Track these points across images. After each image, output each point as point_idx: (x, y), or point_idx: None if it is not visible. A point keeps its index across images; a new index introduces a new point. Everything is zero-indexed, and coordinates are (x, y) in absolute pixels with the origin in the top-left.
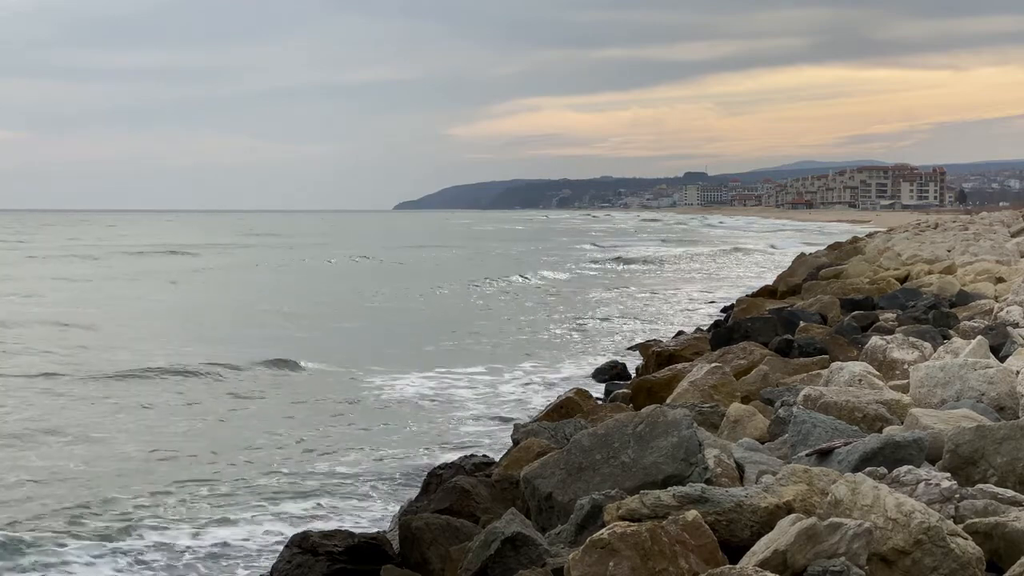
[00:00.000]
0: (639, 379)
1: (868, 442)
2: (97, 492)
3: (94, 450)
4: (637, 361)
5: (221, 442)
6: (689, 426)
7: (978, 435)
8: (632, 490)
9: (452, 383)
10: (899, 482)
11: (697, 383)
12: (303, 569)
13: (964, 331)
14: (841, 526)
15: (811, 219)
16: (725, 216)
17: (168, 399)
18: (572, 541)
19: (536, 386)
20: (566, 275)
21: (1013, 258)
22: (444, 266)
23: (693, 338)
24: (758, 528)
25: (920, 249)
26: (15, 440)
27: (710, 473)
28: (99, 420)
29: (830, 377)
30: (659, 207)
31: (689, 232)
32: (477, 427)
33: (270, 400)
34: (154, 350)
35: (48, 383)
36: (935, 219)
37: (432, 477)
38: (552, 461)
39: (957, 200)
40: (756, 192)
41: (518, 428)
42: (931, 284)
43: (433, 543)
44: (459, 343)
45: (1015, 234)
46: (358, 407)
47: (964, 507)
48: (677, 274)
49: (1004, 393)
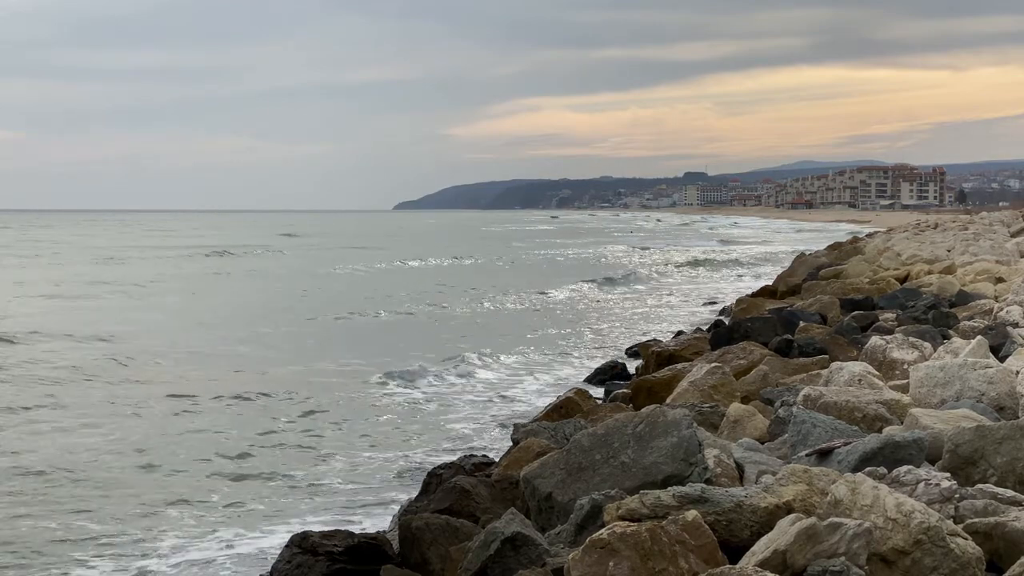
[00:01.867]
0: (639, 379)
1: (868, 442)
2: (85, 497)
3: (63, 445)
4: (637, 361)
5: (220, 441)
6: (689, 426)
7: (978, 435)
8: (632, 490)
9: (452, 383)
10: (899, 482)
11: (697, 383)
12: (303, 569)
13: (964, 331)
14: (841, 526)
15: (811, 219)
16: (737, 216)
17: (165, 398)
18: (572, 541)
19: (536, 386)
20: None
21: (1013, 258)
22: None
23: (693, 338)
24: (758, 528)
25: (920, 249)
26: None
27: (710, 473)
28: (97, 419)
29: (830, 377)
30: (659, 207)
31: (730, 233)
32: (477, 427)
33: (270, 399)
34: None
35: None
36: (935, 219)
37: (432, 477)
38: (552, 461)
39: (957, 200)
40: (756, 192)
41: (518, 428)
42: (931, 284)
43: (433, 543)
44: (465, 343)
45: (1015, 234)
46: (358, 407)
47: (964, 507)
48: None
49: (1004, 393)
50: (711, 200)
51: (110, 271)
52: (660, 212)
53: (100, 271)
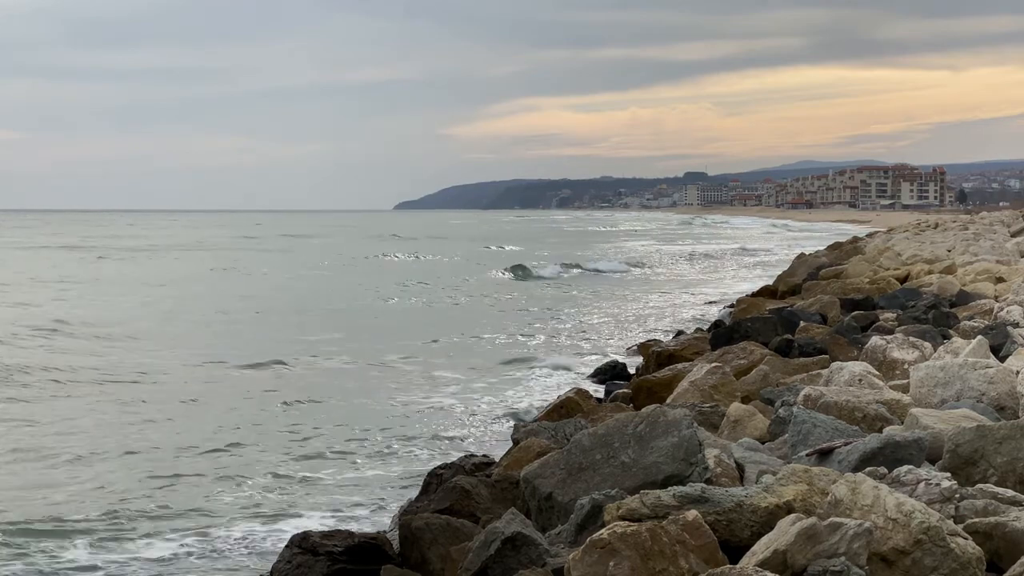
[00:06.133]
0: (639, 379)
1: (868, 442)
2: (82, 492)
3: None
4: (637, 359)
5: (219, 441)
6: (689, 426)
7: (978, 435)
8: (632, 490)
9: (453, 383)
10: (899, 482)
11: (697, 383)
12: (303, 569)
13: (964, 331)
14: (841, 526)
15: (811, 219)
16: (736, 217)
17: (163, 395)
18: (572, 541)
19: (536, 386)
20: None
21: (1013, 258)
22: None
23: (693, 338)
24: (758, 528)
25: (920, 249)
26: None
27: (710, 473)
28: (93, 420)
29: (830, 377)
30: (659, 207)
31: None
32: (477, 427)
33: (269, 399)
34: (148, 349)
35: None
36: (935, 219)
37: (432, 477)
38: (552, 461)
39: (957, 200)
40: (756, 192)
41: (518, 428)
42: (931, 284)
43: (433, 543)
44: (463, 342)
45: (1015, 234)
46: (358, 407)
47: (964, 507)
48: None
49: (1004, 393)
50: (711, 200)
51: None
52: (662, 212)
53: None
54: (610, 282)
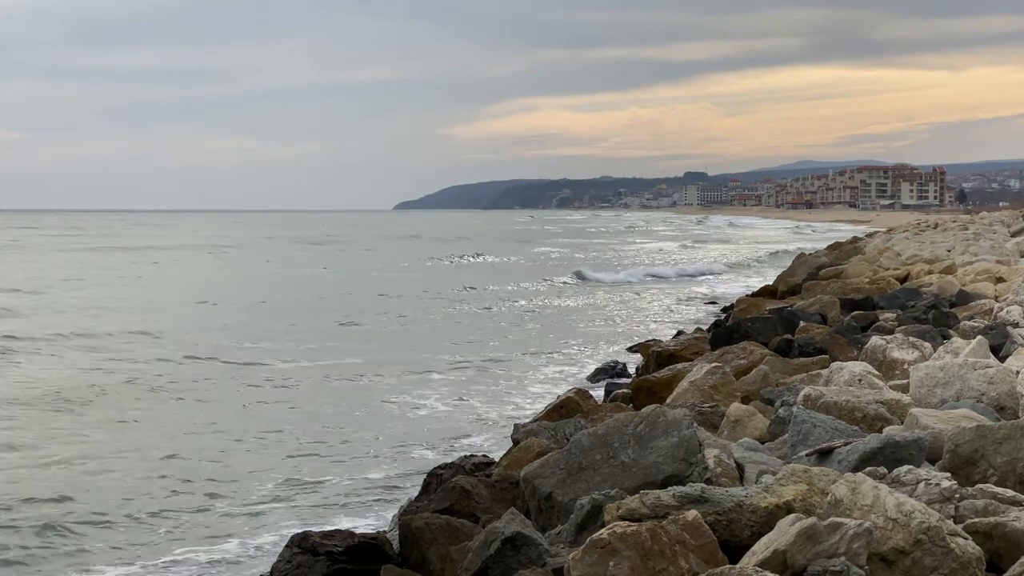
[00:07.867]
0: (639, 379)
1: (868, 442)
2: (83, 492)
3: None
4: (637, 358)
5: (218, 440)
6: (689, 426)
7: (978, 435)
8: (632, 490)
9: (452, 382)
10: (899, 482)
11: (697, 383)
12: (303, 569)
13: (964, 331)
14: (841, 526)
15: (811, 219)
16: (748, 216)
17: (162, 395)
18: (572, 541)
19: (536, 386)
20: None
21: (1013, 258)
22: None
23: (693, 338)
24: (758, 528)
25: (920, 249)
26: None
27: (710, 473)
28: (99, 419)
29: (830, 377)
30: (659, 207)
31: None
32: (477, 427)
33: (268, 397)
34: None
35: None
36: (935, 219)
37: (432, 477)
38: (552, 461)
39: (957, 200)
40: (756, 192)
41: (518, 428)
42: (931, 284)
43: (433, 543)
44: (463, 343)
45: (1015, 234)
46: (357, 407)
47: (964, 507)
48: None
49: (1004, 393)
50: (711, 200)
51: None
52: (662, 212)
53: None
54: (608, 280)
